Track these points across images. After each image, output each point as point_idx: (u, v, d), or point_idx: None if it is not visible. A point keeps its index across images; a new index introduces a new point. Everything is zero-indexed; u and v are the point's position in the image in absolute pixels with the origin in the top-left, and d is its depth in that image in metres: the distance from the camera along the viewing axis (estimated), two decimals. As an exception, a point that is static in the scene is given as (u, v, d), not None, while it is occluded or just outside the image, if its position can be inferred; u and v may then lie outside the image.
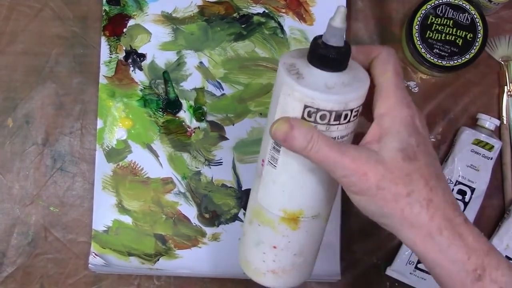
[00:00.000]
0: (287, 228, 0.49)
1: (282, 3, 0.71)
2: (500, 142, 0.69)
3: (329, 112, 0.43)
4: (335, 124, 0.44)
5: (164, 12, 0.71)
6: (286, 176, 0.48)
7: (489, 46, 0.71)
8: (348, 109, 0.43)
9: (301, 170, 0.47)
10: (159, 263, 0.69)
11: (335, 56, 0.43)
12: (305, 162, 0.46)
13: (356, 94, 0.43)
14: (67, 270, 0.71)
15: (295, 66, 0.44)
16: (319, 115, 0.43)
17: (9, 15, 0.72)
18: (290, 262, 0.52)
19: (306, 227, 0.50)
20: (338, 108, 0.43)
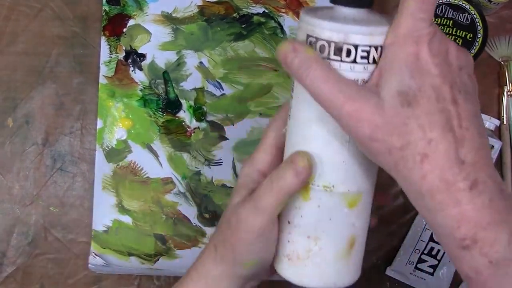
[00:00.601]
0: (299, 196, 0.44)
1: (282, 3, 0.71)
2: (500, 142, 0.69)
3: (328, 42, 0.39)
4: (337, 60, 0.39)
5: (164, 12, 0.71)
6: (294, 128, 0.44)
7: (489, 46, 0.71)
8: (350, 43, 0.39)
9: (307, 120, 0.42)
10: (159, 263, 0.69)
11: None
12: (311, 109, 0.41)
13: (360, 28, 0.39)
14: (67, 270, 0.71)
15: (320, 8, 0.42)
16: (318, 45, 0.40)
17: (9, 15, 0.72)
18: (304, 248, 0.45)
19: (318, 200, 0.44)
20: (337, 39, 0.39)
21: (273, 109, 0.70)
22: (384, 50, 0.39)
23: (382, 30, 0.40)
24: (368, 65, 0.40)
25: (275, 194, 0.43)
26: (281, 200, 0.43)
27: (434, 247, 0.68)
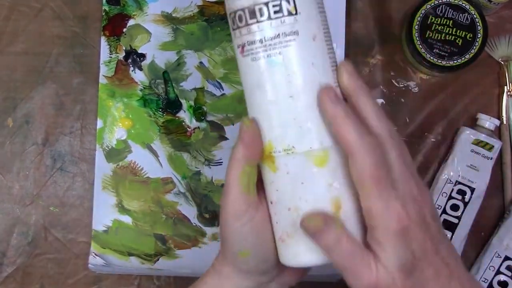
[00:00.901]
0: (268, 170, 0.44)
1: (282, 3, 0.71)
2: (500, 142, 0.69)
3: (242, 10, 0.42)
4: (253, 23, 0.42)
5: (164, 12, 0.71)
6: (245, 95, 0.45)
7: (489, 46, 0.71)
8: (260, 2, 0.42)
9: (251, 89, 0.44)
10: (159, 263, 0.69)
11: None
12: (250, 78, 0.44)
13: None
14: (67, 270, 0.71)
15: None
16: (237, 17, 0.43)
17: (9, 15, 0.72)
18: (289, 222, 0.43)
19: (284, 167, 0.43)
20: (248, 3, 0.42)
21: (273, 109, 0.70)
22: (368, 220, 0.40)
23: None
24: (285, 18, 0.42)
25: (233, 166, 0.43)
26: (241, 172, 0.43)
27: (434, 247, 0.68)
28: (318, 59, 0.43)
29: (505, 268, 0.68)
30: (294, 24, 0.42)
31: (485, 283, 0.68)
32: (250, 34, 0.42)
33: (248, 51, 0.43)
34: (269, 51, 0.42)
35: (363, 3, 0.72)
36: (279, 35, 0.42)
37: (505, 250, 0.68)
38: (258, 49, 0.42)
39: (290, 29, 0.42)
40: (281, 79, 0.42)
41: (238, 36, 0.43)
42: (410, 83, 0.72)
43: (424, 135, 0.71)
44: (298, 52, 0.42)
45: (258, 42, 0.42)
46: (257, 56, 0.42)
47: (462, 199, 0.69)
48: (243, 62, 0.43)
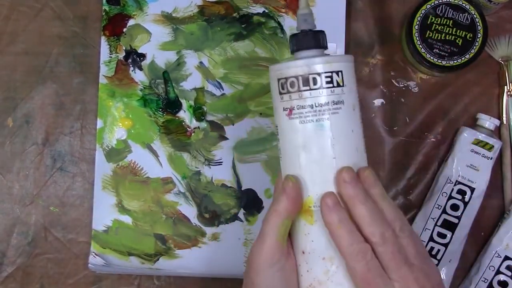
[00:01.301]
0: (305, 222, 0.48)
1: (282, 3, 0.71)
2: (500, 142, 0.69)
3: (296, 77, 0.47)
4: (306, 90, 0.46)
5: (164, 12, 0.71)
6: (285, 160, 0.49)
7: (489, 46, 0.71)
8: (314, 72, 0.46)
9: (294, 149, 0.48)
10: (159, 263, 0.69)
11: (304, 36, 0.48)
12: (295, 138, 0.47)
13: (321, 59, 0.47)
14: (67, 270, 0.71)
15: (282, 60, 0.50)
16: (289, 83, 0.47)
17: (9, 15, 0.72)
18: (322, 270, 0.47)
19: (322, 221, 0.46)
20: (302, 72, 0.46)
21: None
22: None
23: (339, 58, 0.48)
24: (334, 88, 0.47)
25: (273, 217, 0.47)
26: (280, 223, 0.47)
27: (434, 247, 0.68)
28: (356, 126, 0.48)
29: (505, 268, 0.68)
30: (341, 94, 0.47)
31: (485, 283, 0.68)
32: (302, 100, 0.47)
33: (296, 114, 0.47)
34: (318, 116, 0.47)
35: (363, 3, 0.72)
36: (329, 102, 0.46)
37: (505, 250, 0.68)
38: (308, 113, 0.47)
39: (337, 99, 0.47)
40: (327, 142, 0.47)
41: (287, 100, 0.47)
42: (410, 83, 0.72)
43: (424, 135, 0.71)
44: (343, 120, 0.47)
45: (309, 107, 0.47)
46: (306, 119, 0.47)
47: (462, 199, 0.69)
48: (288, 124, 0.48)
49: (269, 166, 0.70)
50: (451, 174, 0.69)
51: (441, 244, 0.68)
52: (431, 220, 0.69)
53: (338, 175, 0.46)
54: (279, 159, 0.50)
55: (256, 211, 0.70)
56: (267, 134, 0.70)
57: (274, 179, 0.69)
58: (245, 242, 0.69)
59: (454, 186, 0.69)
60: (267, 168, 0.70)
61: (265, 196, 0.70)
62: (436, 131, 0.72)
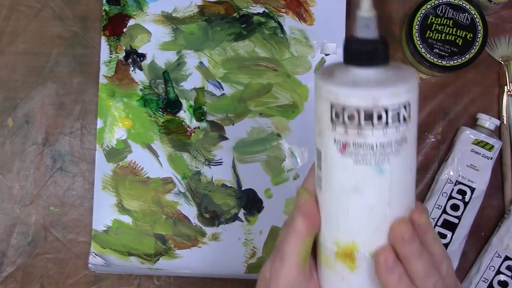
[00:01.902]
0: (344, 267, 0.42)
1: (282, 3, 0.71)
2: (500, 142, 0.69)
3: (356, 109, 0.38)
4: (368, 127, 0.38)
5: (164, 12, 0.71)
6: (329, 198, 0.42)
7: (489, 46, 0.71)
8: (380, 106, 0.38)
9: (343, 190, 0.41)
10: (159, 263, 0.69)
11: (364, 48, 0.39)
12: (346, 179, 0.40)
13: (388, 89, 0.38)
14: (67, 270, 0.71)
15: (332, 70, 0.40)
16: (346, 114, 0.38)
17: (9, 15, 0.72)
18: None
19: (365, 268, 0.42)
20: (366, 105, 0.38)
21: (273, 109, 0.70)
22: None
23: (408, 87, 0.39)
24: (400, 126, 0.39)
25: (292, 238, 0.43)
26: (300, 243, 0.43)
27: (434, 247, 0.68)
28: (414, 163, 0.42)
29: (505, 268, 0.68)
30: (405, 131, 0.39)
31: (485, 283, 0.68)
32: (360, 137, 0.39)
33: (351, 152, 0.39)
34: (377, 158, 0.39)
35: (363, 3, 0.72)
36: (392, 143, 0.39)
37: (505, 250, 0.68)
38: (366, 154, 0.39)
39: (401, 136, 0.39)
40: (384, 186, 0.40)
41: (341, 133, 0.39)
42: (410, 83, 0.72)
43: (424, 135, 0.71)
44: (404, 159, 0.40)
45: (369, 147, 0.39)
46: (363, 161, 0.39)
47: (462, 199, 0.69)
48: (338, 160, 0.40)
49: (269, 166, 0.70)
50: (451, 174, 0.69)
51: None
52: (431, 220, 0.69)
53: (396, 230, 0.41)
54: (278, 159, 0.47)
55: (256, 211, 0.70)
56: (267, 134, 0.70)
57: (274, 179, 0.70)
58: (245, 242, 0.69)
59: (454, 186, 0.69)
60: (267, 168, 0.70)
61: (265, 196, 0.70)
62: (436, 131, 0.72)
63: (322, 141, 0.41)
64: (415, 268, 0.42)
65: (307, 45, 0.71)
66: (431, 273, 0.42)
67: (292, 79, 0.70)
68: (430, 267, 0.42)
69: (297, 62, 0.70)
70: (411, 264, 0.42)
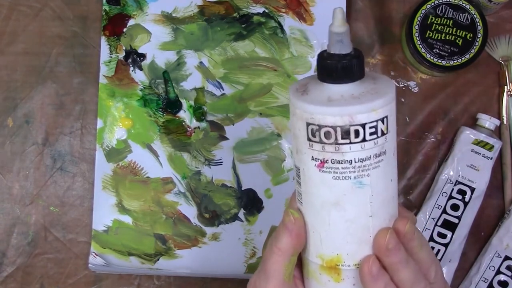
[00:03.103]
0: (330, 279, 0.43)
1: (282, 3, 0.71)
2: (500, 142, 0.69)
3: (333, 128, 0.38)
4: (345, 143, 0.38)
5: (164, 12, 0.71)
6: (311, 213, 0.42)
7: (489, 46, 0.71)
8: (357, 123, 0.38)
9: (323, 204, 0.41)
10: (159, 263, 0.69)
11: (338, 65, 0.38)
12: (326, 194, 0.40)
13: (365, 106, 0.38)
14: (67, 270, 0.71)
15: (306, 85, 0.40)
16: (322, 133, 0.38)
17: (9, 15, 0.72)
18: None
19: (351, 279, 0.42)
20: (342, 123, 0.38)
21: (273, 109, 0.70)
22: None
23: (385, 100, 0.39)
24: (378, 139, 0.39)
25: (277, 256, 0.44)
26: (284, 262, 0.44)
27: (434, 247, 0.68)
28: (394, 173, 0.41)
29: (505, 268, 0.68)
30: (384, 144, 0.39)
31: (485, 283, 0.68)
32: (338, 154, 0.39)
33: (330, 168, 0.39)
34: (357, 173, 0.39)
35: (363, 3, 0.72)
36: (371, 157, 0.39)
37: (505, 250, 0.68)
38: (345, 169, 0.39)
39: (380, 150, 0.39)
40: (365, 200, 0.40)
41: (318, 150, 0.39)
42: (410, 83, 0.72)
43: (424, 135, 0.71)
44: (384, 172, 0.40)
45: (347, 162, 0.39)
46: (342, 176, 0.39)
47: (462, 199, 0.69)
48: (317, 176, 0.40)
49: (269, 166, 0.70)
50: (451, 174, 0.69)
51: (441, 244, 0.68)
52: (431, 220, 0.69)
53: (379, 241, 0.41)
54: (278, 159, 0.46)
55: (256, 211, 0.70)
56: (267, 134, 0.70)
57: (274, 179, 0.70)
58: (245, 242, 0.69)
59: (454, 186, 0.69)
60: (267, 168, 0.70)
61: (265, 196, 0.70)
62: (436, 131, 0.72)
63: (300, 159, 0.41)
64: (402, 276, 0.42)
65: (307, 45, 0.71)
66: (418, 280, 0.42)
67: (292, 79, 0.70)
68: (416, 274, 0.42)
69: (297, 62, 0.70)
70: (397, 273, 0.42)
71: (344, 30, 0.39)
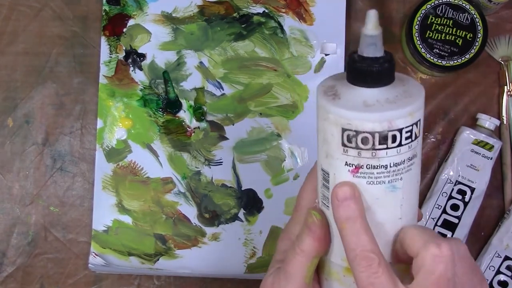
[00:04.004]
0: (354, 281, 0.41)
1: (282, 3, 0.71)
2: (500, 142, 0.69)
3: (371, 134, 0.37)
4: (382, 149, 0.38)
5: (164, 12, 0.71)
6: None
7: (489, 46, 0.71)
8: (395, 129, 0.37)
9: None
10: (159, 263, 0.69)
11: (372, 68, 0.38)
12: (362, 193, 0.40)
13: (402, 110, 0.37)
14: (67, 270, 0.71)
15: (334, 87, 0.39)
16: (360, 138, 0.38)
17: (9, 15, 0.72)
18: None
19: None
20: (381, 129, 0.37)
21: (273, 109, 0.70)
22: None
23: (419, 104, 0.39)
24: (412, 143, 0.39)
25: (299, 257, 0.43)
26: (307, 264, 0.43)
27: (434, 247, 0.68)
28: (419, 174, 0.41)
29: (505, 268, 0.68)
30: (416, 147, 0.39)
31: (485, 283, 0.68)
32: (374, 159, 0.38)
33: (364, 173, 0.39)
34: (391, 177, 0.39)
35: (363, 3, 0.72)
36: (404, 161, 0.39)
37: (505, 250, 0.68)
38: (380, 174, 0.39)
39: (413, 153, 0.39)
40: (396, 203, 0.40)
41: (353, 156, 0.39)
42: (410, 83, 0.72)
43: (424, 135, 0.71)
44: (414, 175, 0.40)
45: (382, 167, 0.39)
46: (377, 181, 0.39)
47: (462, 199, 0.69)
48: (350, 181, 0.40)
49: (269, 166, 0.70)
50: (451, 174, 0.69)
51: (441, 244, 0.68)
52: (431, 220, 0.69)
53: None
54: (278, 159, 0.46)
55: (256, 211, 0.70)
56: (267, 134, 0.70)
57: (274, 179, 0.70)
58: (245, 242, 0.69)
59: (454, 186, 0.69)
60: (267, 168, 0.70)
61: (265, 196, 0.70)
62: (436, 131, 0.72)
63: (330, 163, 0.40)
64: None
65: (307, 45, 0.71)
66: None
67: (292, 79, 0.70)
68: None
69: (297, 62, 0.70)
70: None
71: (378, 33, 0.39)
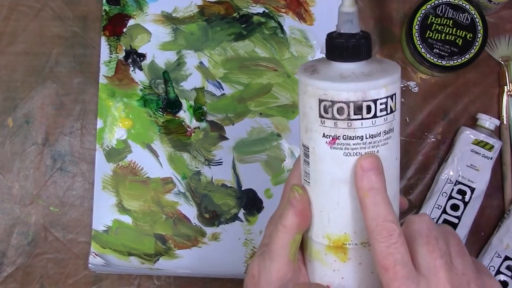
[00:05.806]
0: (336, 259, 0.43)
1: (282, 3, 0.71)
2: (500, 142, 0.69)
3: (346, 103, 0.39)
4: (357, 119, 0.39)
5: (164, 12, 0.71)
6: (319, 192, 0.42)
7: (489, 46, 0.71)
8: (369, 99, 0.39)
9: (333, 182, 0.41)
10: (159, 263, 0.69)
11: (348, 44, 0.40)
12: (336, 171, 0.41)
13: (376, 82, 0.39)
14: (67, 270, 0.71)
15: (314, 66, 0.41)
16: (335, 108, 0.39)
17: (9, 15, 0.72)
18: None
19: (358, 258, 0.42)
20: (356, 98, 0.39)
21: (273, 109, 0.70)
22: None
23: (394, 78, 0.40)
24: (387, 116, 0.40)
25: (282, 234, 0.43)
26: (289, 240, 0.43)
27: (434, 247, 0.68)
28: (399, 152, 0.43)
29: (505, 268, 0.68)
30: (392, 121, 0.41)
31: (485, 283, 0.68)
32: (350, 130, 0.40)
33: (341, 144, 0.40)
34: (367, 149, 0.40)
35: (363, 3, 0.72)
36: (380, 133, 0.40)
37: (505, 250, 0.68)
38: (356, 145, 0.40)
39: (389, 127, 0.41)
40: None
41: (330, 126, 0.40)
42: (410, 83, 0.72)
43: (424, 135, 0.71)
44: (391, 149, 0.41)
45: (358, 138, 0.40)
46: (353, 152, 0.40)
47: (462, 199, 0.69)
48: (328, 153, 0.41)
49: (269, 166, 0.70)
50: (451, 174, 0.69)
51: (441, 244, 0.68)
52: (431, 220, 0.69)
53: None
54: (278, 159, 0.47)
55: (256, 211, 0.70)
56: (267, 134, 0.70)
57: (274, 179, 0.70)
58: (245, 242, 0.70)
59: (454, 186, 0.69)
60: (267, 168, 0.70)
61: (265, 196, 0.70)
62: (436, 131, 0.72)
63: (309, 137, 0.41)
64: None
65: (307, 45, 0.71)
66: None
67: (292, 79, 0.70)
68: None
69: (297, 62, 0.70)
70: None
71: (354, 10, 0.41)
